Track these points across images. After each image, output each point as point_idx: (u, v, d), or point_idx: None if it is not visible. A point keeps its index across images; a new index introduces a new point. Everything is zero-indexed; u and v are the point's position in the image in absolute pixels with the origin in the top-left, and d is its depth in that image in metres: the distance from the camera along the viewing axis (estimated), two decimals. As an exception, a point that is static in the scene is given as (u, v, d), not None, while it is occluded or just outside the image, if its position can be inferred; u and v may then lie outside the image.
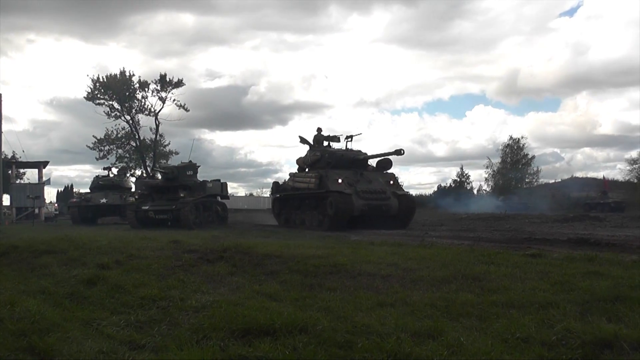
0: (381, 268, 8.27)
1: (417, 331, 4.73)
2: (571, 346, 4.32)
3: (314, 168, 25.34)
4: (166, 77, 50.39)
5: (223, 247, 10.55)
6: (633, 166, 63.61)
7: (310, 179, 23.93)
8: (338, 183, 22.55)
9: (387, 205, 22.95)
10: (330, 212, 22.22)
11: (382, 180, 24.03)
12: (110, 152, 52.03)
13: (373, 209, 22.71)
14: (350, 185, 22.80)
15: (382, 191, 23.17)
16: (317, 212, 23.95)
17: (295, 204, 26.46)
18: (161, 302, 6.33)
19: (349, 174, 23.56)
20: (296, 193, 25.90)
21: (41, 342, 4.61)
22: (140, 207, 25.81)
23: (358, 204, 22.27)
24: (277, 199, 29.31)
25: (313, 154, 26.05)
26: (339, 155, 25.29)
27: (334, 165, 24.32)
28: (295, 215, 26.35)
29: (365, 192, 22.75)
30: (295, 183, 26.04)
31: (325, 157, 25.05)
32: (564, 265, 8.43)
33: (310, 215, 24.67)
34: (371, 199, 22.69)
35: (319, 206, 23.74)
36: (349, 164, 24.77)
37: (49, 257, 10.10)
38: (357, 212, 22.30)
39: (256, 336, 4.71)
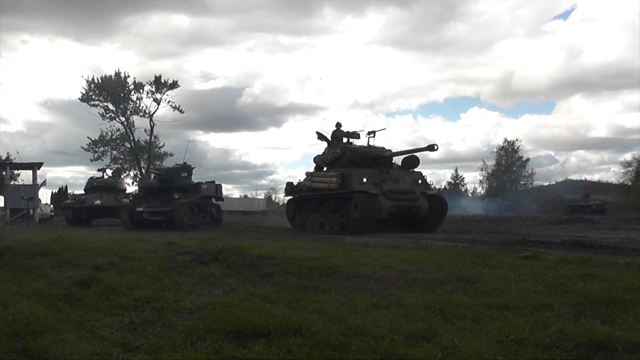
0: (376, 270, 8.27)
1: (411, 333, 4.73)
2: (565, 348, 4.33)
3: (333, 166, 23.42)
4: (161, 79, 50.47)
5: (217, 249, 10.54)
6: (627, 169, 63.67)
7: (331, 178, 22.01)
8: (363, 182, 20.75)
9: (416, 207, 21.14)
10: (355, 215, 20.31)
11: (409, 179, 22.16)
12: (105, 153, 52.13)
13: (401, 211, 20.86)
14: (376, 184, 20.99)
15: (410, 191, 21.32)
16: (339, 214, 21.92)
17: (312, 206, 24.46)
18: (155, 303, 6.32)
19: (373, 172, 21.74)
20: (314, 194, 23.95)
21: (35, 344, 4.60)
22: (135, 209, 25.79)
23: (385, 205, 20.39)
24: (291, 201, 27.29)
25: (333, 151, 23.94)
26: (361, 152, 23.18)
27: (357, 163, 22.40)
28: (313, 218, 24.22)
29: (393, 192, 20.89)
30: (313, 183, 23.91)
31: (347, 154, 22.97)
32: (558, 267, 8.44)
33: (330, 218, 22.63)
34: (399, 200, 20.85)
35: (341, 208, 21.82)
36: (373, 161, 22.82)
37: (43, 258, 10.08)
38: (385, 215, 20.45)
39: (250, 338, 4.71)
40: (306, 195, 24.85)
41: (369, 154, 23.05)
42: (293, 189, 26.60)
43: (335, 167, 22.93)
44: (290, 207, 27.26)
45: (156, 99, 50.83)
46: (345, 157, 22.88)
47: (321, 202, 23.58)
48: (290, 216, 26.87)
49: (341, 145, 24.16)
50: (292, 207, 26.94)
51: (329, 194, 22.44)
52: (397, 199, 20.75)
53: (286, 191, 27.55)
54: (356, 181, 20.81)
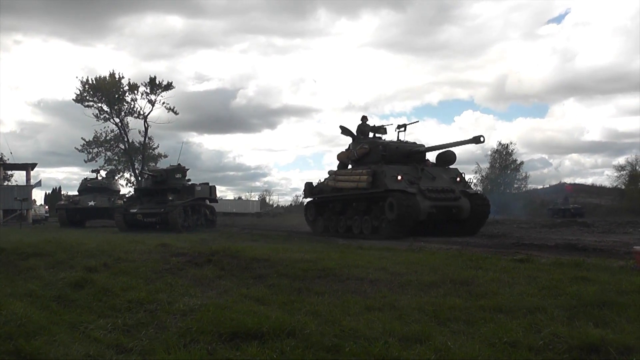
0: (369, 272, 8.27)
1: (404, 335, 4.73)
2: (558, 351, 4.34)
3: (361, 164, 21.46)
4: (155, 80, 50.37)
5: (211, 251, 10.54)
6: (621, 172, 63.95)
7: (361, 176, 20.04)
8: (397, 180, 18.90)
9: (457, 207, 19.31)
10: (391, 217, 18.40)
11: (446, 176, 20.28)
12: (99, 154, 52.02)
13: (441, 212, 19.03)
14: (412, 183, 19.15)
15: (450, 190, 19.48)
16: (370, 217, 20.09)
17: (337, 209, 22.37)
18: (149, 305, 6.31)
19: (408, 169, 19.86)
20: (339, 195, 21.98)
21: (28, 346, 4.58)
22: (129, 210, 25.78)
23: (424, 205, 18.53)
24: (311, 203, 24.95)
25: (360, 146, 21.84)
26: (393, 147, 21.24)
27: (388, 160, 20.48)
28: (339, 221, 22.22)
29: (432, 190, 19.02)
30: (338, 182, 21.94)
31: (377, 149, 21.01)
32: (552, 270, 8.45)
33: (359, 221, 20.70)
34: (439, 200, 19.01)
35: (372, 210, 20.04)
36: (406, 157, 20.95)
37: (37, 259, 10.06)
38: (423, 216, 18.59)
39: (244, 340, 4.71)
40: (329, 197, 22.89)
41: (401, 150, 21.28)
42: (313, 189, 24.63)
43: (364, 165, 21.09)
44: (310, 210, 24.96)
45: (151, 100, 50.77)
46: (374, 153, 21.08)
47: (348, 204, 21.73)
48: (310, 220, 24.83)
49: (369, 140, 22.24)
50: (312, 210, 24.71)
51: (357, 194, 20.57)
52: (436, 198, 19.00)
53: (305, 192, 25.48)
54: (390, 179, 19.04)
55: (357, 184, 20.26)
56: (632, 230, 22.37)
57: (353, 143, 22.81)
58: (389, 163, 20.14)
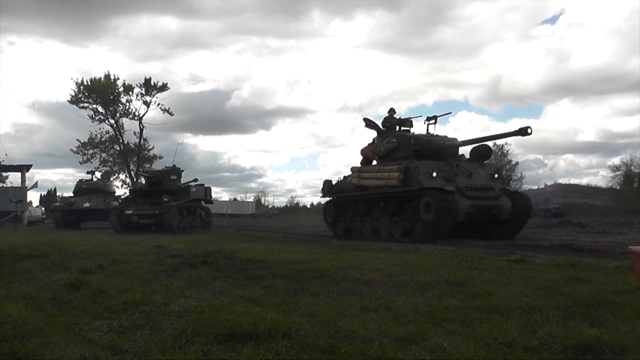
0: (365, 273, 8.27)
1: (400, 336, 4.73)
2: (553, 351, 4.34)
3: (388, 160, 19.68)
4: (151, 81, 50.31)
5: (206, 252, 10.53)
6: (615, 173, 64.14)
7: (391, 173, 18.18)
8: (432, 177, 17.12)
9: (498, 207, 17.44)
10: (427, 218, 16.74)
11: (482, 173, 18.53)
12: (94, 156, 51.88)
13: (481, 212, 17.19)
14: (447, 180, 17.42)
15: (489, 187, 17.68)
16: (401, 218, 18.40)
17: (361, 209, 20.69)
18: (144, 306, 6.29)
19: (442, 165, 18.08)
20: (364, 194, 20.30)
21: (23, 348, 4.57)
22: (124, 212, 25.75)
23: (463, 205, 16.76)
24: (331, 203, 23.28)
25: (388, 140, 19.94)
26: (424, 141, 19.27)
27: (419, 155, 18.61)
28: (363, 223, 20.58)
29: (470, 188, 17.24)
30: (363, 180, 20.11)
31: (408, 143, 19.11)
32: (547, 270, 8.47)
33: (388, 222, 18.98)
34: (478, 198, 17.18)
35: (404, 210, 18.42)
36: (438, 153, 19.11)
37: (32, 261, 10.04)
38: (462, 217, 16.85)
39: (239, 341, 4.70)
40: (353, 196, 21.18)
41: (433, 144, 19.32)
42: (333, 188, 22.95)
43: (392, 160, 19.29)
44: (329, 210, 23.27)
45: (146, 101, 50.70)
46: (404, 148, 19.21)
47: (374, 203, 20.00)
48: (330, 221, 23.14)
49: (398, 134, 20.36)
50: (331, 210, 23.06)
51: (386, 192, 18.77)
52: (475, 197, 17.17)
53: (324, 191, 23.57)
54: (424, 176, 17.25)
55: (386, 182, 18.49)
56: (627, 230, 22.43)
57: (378, 137, 21.05)
58: (420, 158, 18.32)
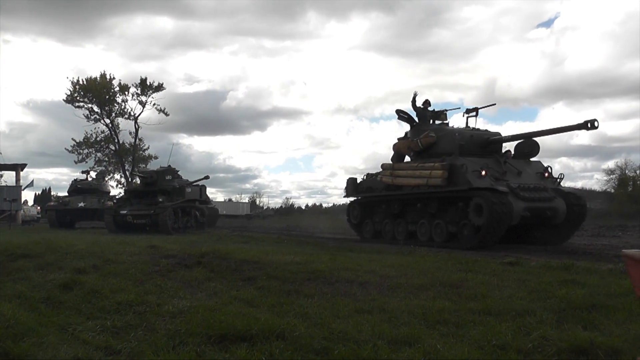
0: (359, 275, 8.27)
1: (394, 338, 4.73)
2: (547, 353, 4.36)
3: (425, 156, 17.74)
4: (146, 81, 50.24)
5: (201, 253, 10.51)
6: (610, 176, 64.18)
7: (433, 170, 16.39)
8: (481, 176, 15.36)
9: (552, 209, 15.67)
10: (478, 222, 14.96)
11: (531, 171, 16.76)
12: (89, 155, 51.74)
13: (535, 215, 15.44)
14: (497, 179, 15.63)
15: (542, 188, 15.92)
16: (444, 221, 16.59)
17: (394, 210, 18.84)
18: (138, 307, 6.29)
19: (490, 162, 16.23)
20: (397, 193, 18.55)
21: (15, 347, 4.57)
22: (119, 212, 25.68)
23: (517, 207, 14.96)
24: (356, 203, 21.42)
25: (426, 135, 17.85)
26: (467, 135, 17.26)
27: (462, 151, 16.62)
28: (396, 226, 18.75)
29: (523, 189, 15.47)
30: (397, 179, 18.27)
31: (452, 138, 17.04)
32: (541, 273, 8.50)
33: (427, 226, 17.17)
34: (532, 200, 15.40)
35: (447, 212, 16.70)
36: (481, 149, 17.17)
37: (25, 261, 10.00)
38: (516, 220, 15.06)
39: (233, 342, 4.70)
40: (384, 196, 19.37)
41: (477, 138, 17.38)
42: (358, 187, 21.11)
43: (430, 157, 17.42)
44: (353, 211, 21.41)
45: (141, 101, 50.59)
46: (445, 143, 17.29)
47: (410, 204, 18.26)
48: (355, 223, 21.34)
49: (436, 127, 18.45)
50: (356, 211, 21.22)
51: (427, 193, 17.02)
52: (529, 198, 15.39)
53: (347, 190, 21.61)
54: (472, 175, 15.49)
55: (426, 181, 16.65)
56: (621, 233, 22.44)
57: (412, 131, 19.09)
58: (463, 155, 16.49)
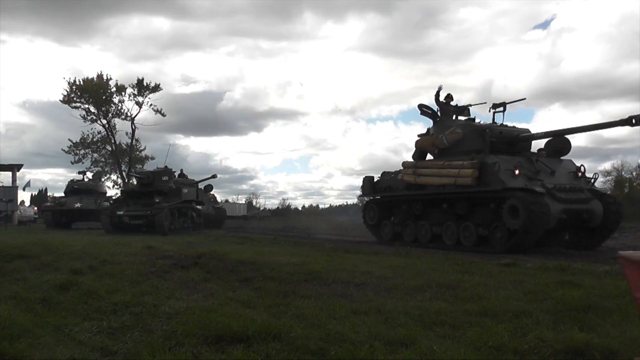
0: (356, 276, 8.27)
1: (390, 339, 4.73)
2: (543, 355, 4.36)
3: (451, 153, 16.59)
4: (143, 82, 50.17)
5: (197, 254, 10.52)
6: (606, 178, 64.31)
7: (462, 169, 15.36)
8: (515, 175, 14.37)
9: (589, 212, 14.65)
10: (514, 225, 13.92)
11: (563, 171, 15.64)
12: (86, 156, 51.64)
13: (572, 217, 14.41)
14: (530, 179, 14.62)
15: (578, 189, 14.93)
16: (473, 223, 15.55)
17: (416, 211, 17.75)
18: (134, 308, 6.28)
19: (522, 161, 15.23)
20: (420, 193, 17.45)
21: (11, 348, 4.55)
22: (115, 212, 25.63)
23: (555, 210, 13.93)
24: (373, 203, 20.37)
25: (451, 131, 16.75)
26: (497, 132, 16.14)
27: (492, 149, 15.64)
28: (419, 227, 17.62)
29: (560, 190, 14.49)
30: (420, 177, 17.08)
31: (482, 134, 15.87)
32: (538, 274, 8.51)
33: (454, 228, 16.11)
34: (569, 202, 14.42)
35: (476, 214, 15.67)
36: (510, 146, 16.18)
37: (22, 261, 9.99)
38: (552, 223, 14.00)
39: (229, 343, 4.69)
40: (405, 195, 18.25)
41: (506, 135, 16.29)
42: (376, 186, 19.90)
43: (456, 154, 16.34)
44: (370, 211, 20.28)
45: (138, 102, 50.51)
46: (473, 140, 16.20)
47: (433, 205, 17.23)
48: (372, 224, 20.20)
49: (463, 123, 17.29)
50: (374, 212, 20.06)
51: (454, 192, 15.95)
52: (566, 199, 14.42)
53: (364, 190, 20.56)
54: (505, 174, 14.48)
55: (454, 180, 15.62)
56: (617, 235, 22.44)
57: (436, 127, 17.95)
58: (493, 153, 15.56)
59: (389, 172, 19.83)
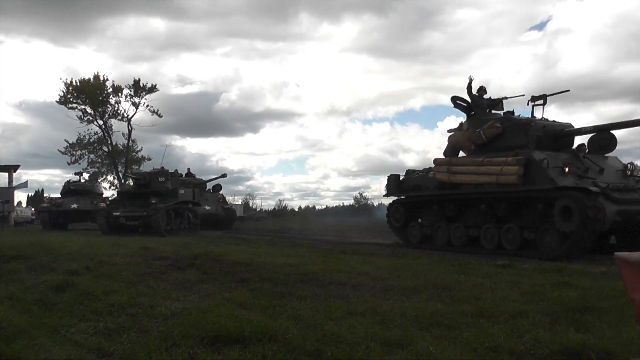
0: (352, 277, 8.28)
1: (386, 340, 4.73)
2: (539, 356, 4.36)
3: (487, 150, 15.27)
4: (140, 83, 50.12)
5: (194, 255, 10.51)
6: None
7: (506, 166, 13.95)
8: (564, 173, 13.07)
9: None
10: (567, 228, 12.58)
11: (611, 168, 14.22)
12: (82, 156, 51.56)
13: (627, 220, 12.92)
14: (580, 177, 13.26)
15: (631, 188, 13.57)
16: (517, 226, 14.14)
17: (449, 212, 16.36)
18: (130, 309, 6.28)
19: (570, 157, 13.95)
20: (454, 193, 15.92)
21: (8, 349, 4.55)
22: (112, 213, 25.60)
23: (610, 211, 12.65)
24: (399, 203, 18.51)
25: (490, 125, 15.37)
26: (540, 126, 14.66)
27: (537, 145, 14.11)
28: (452, 230, 16.12)
29: (614, 190, 13.15)
30: (455, 175, 15.58)
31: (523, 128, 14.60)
32: (534, 275, 8.52)
33: (494, 231, 14.69)
34: (624, 203, 13.03)
35: (521, 215, 14.30)
36: (554, 142, 14.72)
37: (18, 262, 9.97)
38: (607, 226, 12.77)
39: (225, 344, 4.70)
40: (437, 195, 16.70)
41: (550, 130, 14.84)
42: (403, 185, 18.12)
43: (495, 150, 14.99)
44: (396, 213, 18.50)
45: (135, 102, 50.47)
46: (514, 135, 14.86)
47: (468, 206, 15.89)
48: (397, 226, 18.45)
49: (503, 117, 15.77)
50: (399, 212, 18.33)
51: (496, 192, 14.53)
52: (621, 200, 13.07)
53: (389, 189, 18.62)
54: (554, 171, 13.16)
55: (496, 178, 14.20)
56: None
57: (469, 121, 16.55)
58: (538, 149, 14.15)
59: (415, 169, 18.47)
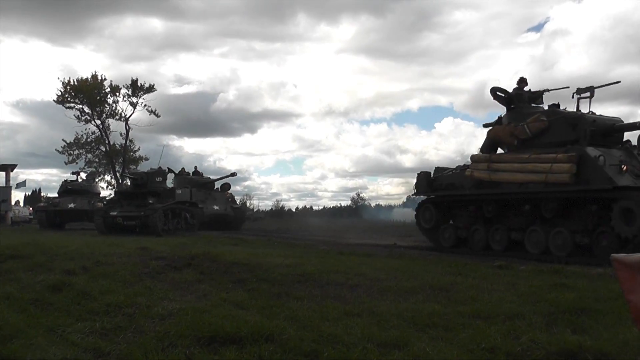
0: (349, 278, 8.27)
1: (383, 341, 4.73)
2: (536, 357, 4.36)
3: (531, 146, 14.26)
4: (137, 82, 50.08)
5: (191, 255, 10.49)
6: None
7: (555, 164, 12.99)
8: (621, 171, 12.25)
9: None
10: (626, 232, 11.78)
11: None
12: (80, 156, 51.47)
13: None
14: (637, 176, 12.46)
15: None
16: (567, 229, 13.18)
17: (487, 213, 15.31)
18: (127, 309, 6.27)
19: (623, 154, 13.15)
20: (495, 192, 14.79)
21: (4, 349, 4.55)
22: (109, 213, 25.56)
23: None
24: (430, 203, 17.46)
25: (535, 118, 14.38)
26: (590, 121, 13.67)
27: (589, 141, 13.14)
28: (491, 233, 15.12)
29: None
30: (496, 174, 14.55)
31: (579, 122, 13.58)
32: (531, 277, 8.53)
33: (541, 234, 13.74)
34: None
35: (571, 218, 13.32)
36: (604, 138, 13.81)
37: (15, 262, 9.95)
38: None
39: (222, 344, 4.69)
40: (475, 195, 15.58)
41: (600, 125, 13.90)
42: (434, 183, 17.08)
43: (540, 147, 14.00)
44: (426, 213, 17.43)
45: (132, 102, 50.42)
46: (561, 130, 13.87)
47: (509, 206, 14.85)
48: (428, 228, 17.39)
49: (548, 110, 14.72)
50: (430, 213, 17.26)
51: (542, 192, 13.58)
52: None
53: (419, 187, 17.53)
54: (612, 170, 12.27)
55: (545, 177, 13.21)
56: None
57: (510, 114, 15.49)
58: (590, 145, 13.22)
59: (444, 167, 17.50)
